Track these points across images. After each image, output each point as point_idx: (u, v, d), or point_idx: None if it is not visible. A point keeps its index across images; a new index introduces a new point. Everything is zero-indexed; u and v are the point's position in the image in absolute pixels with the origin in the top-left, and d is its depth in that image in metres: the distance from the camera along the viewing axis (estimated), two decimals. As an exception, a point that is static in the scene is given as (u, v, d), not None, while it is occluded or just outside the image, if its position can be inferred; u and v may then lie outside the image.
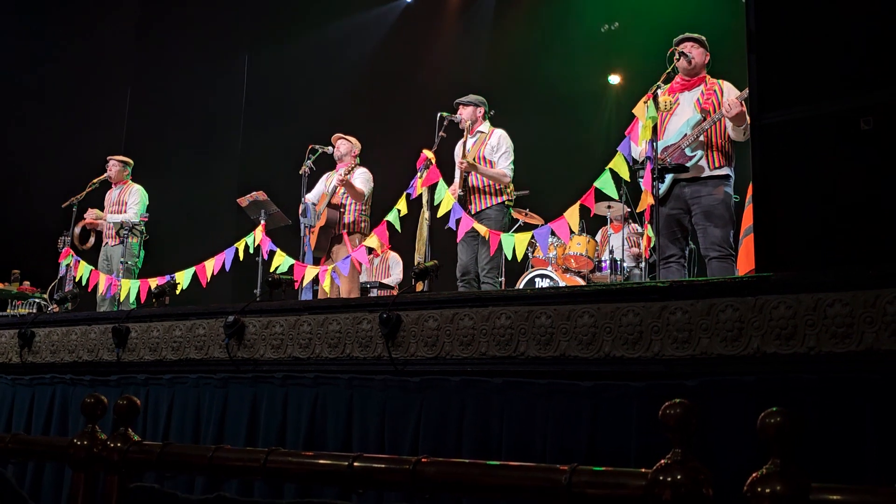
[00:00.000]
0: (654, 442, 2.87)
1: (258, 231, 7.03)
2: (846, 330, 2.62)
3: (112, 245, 8.60)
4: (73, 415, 4.81)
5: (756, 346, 2.79)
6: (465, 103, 7.05)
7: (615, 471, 1.46)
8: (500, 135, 6.97)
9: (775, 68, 3.25)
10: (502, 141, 6.94)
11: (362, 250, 6.48)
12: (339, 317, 3.89)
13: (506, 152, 6.90)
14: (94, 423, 2.08)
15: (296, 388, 3.98)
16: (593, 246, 8.64)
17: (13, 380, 5.19)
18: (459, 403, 3.44)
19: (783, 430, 1.30)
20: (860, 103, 2.98)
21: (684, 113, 5.52)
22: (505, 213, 6.87)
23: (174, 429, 4.41)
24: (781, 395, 2.70)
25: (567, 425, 3.14)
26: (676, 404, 1.39)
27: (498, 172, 6.81)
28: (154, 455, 1.97)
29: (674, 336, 2.97)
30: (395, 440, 3.59)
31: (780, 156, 3.17)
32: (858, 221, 2.96)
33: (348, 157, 7.87)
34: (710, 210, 5.26)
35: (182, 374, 4.45)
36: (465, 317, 3.50)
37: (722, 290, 2.91)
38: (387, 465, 1.70)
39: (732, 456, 2.70)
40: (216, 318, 4.34)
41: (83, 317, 5.11)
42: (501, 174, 6.81)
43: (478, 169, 6.72)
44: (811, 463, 2.49)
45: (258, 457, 1.83)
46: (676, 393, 2.85)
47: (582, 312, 3.19)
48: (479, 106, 7.07)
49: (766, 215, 3.17)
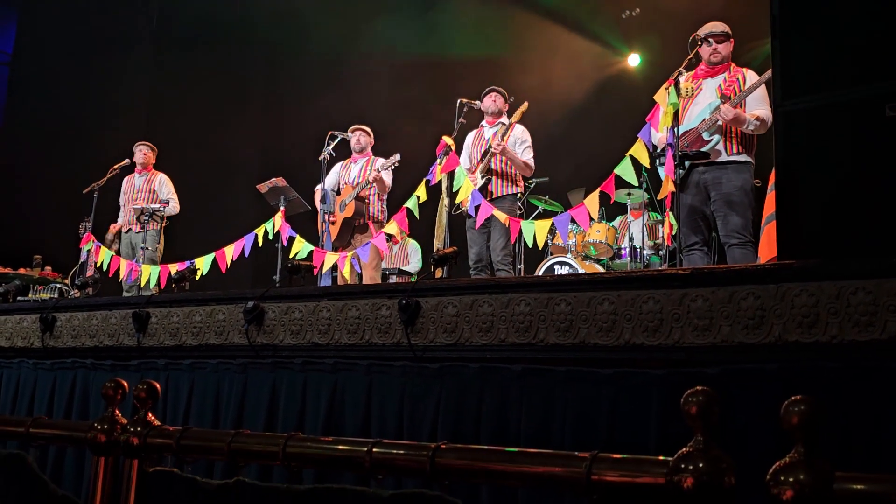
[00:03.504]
0: (673, 430, 2.85)
1: (278, 217, 7.03)
2: (869, 318, 2.59)
3: (136, 232, 8.64)
4: (94, 399, 4.85)
5: (778, 334, 2.77)
6: (500, 91, 7.17)
7: (636, 458, 1.44)
8: (523, 129, 7.11)
9: (798, 54, 3.22)
10: (525, 134, 7.10)
11: (381, 237, 6.48)
12: (358, 303, 3.90)
13: (528, 145, 7.08)
14: (114, 407, 2.09)
15: (315, 374, 3.99)
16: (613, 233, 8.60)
17: (35, 364, 5.24)
18: (478, 390, 3.44)
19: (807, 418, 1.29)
20: (885, 89, 2.94)
21: (705, 98, 5.48)
22: (517, 204, 7.08)
23: (194, 413, 4.43)
24: (803, 384, 2.68)
25: (586, 413, 3.13)
26: (699, 392, 1.37)
27: (525, 162, 6.97)
28: (174, 440, 1.97)
29: (694, 324, 2.95)
30: (414, 426, 3.60)
31: (803, 143, 3.14)
32: (882, 209, 2.92)
33: (368, 148, 7.99)
34: (729, 197, 5.22)
35: (202, 359, 4.48)
36: (485, 303, 3.49)
37: (743, 278, 2.89)
38: (406, 452, 1.69)
39: (753, 444, 2.68)
40: (236, 304, 4.35)
41: (104, 302, 5.14)
42: (527, 164, 6.98)
43: (510, 154, 6.81)
44: (832, 451, 2.48)
45: (277, 442, 1.83)
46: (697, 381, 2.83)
47: (602, 299, 3.18)
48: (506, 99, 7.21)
49: (788, 202, 3.14)
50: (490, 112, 7.17)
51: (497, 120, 7.15)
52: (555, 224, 5.60)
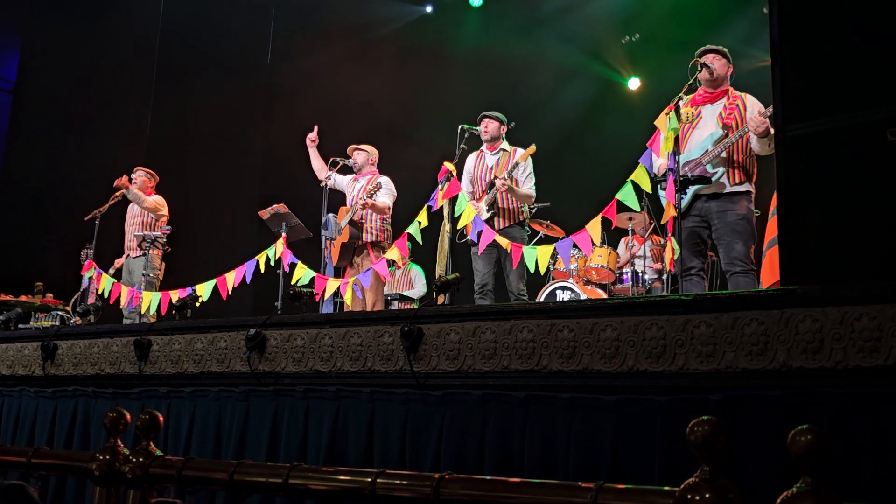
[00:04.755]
0: (678, 458, 2.84)
1: (279, 243, 7.03)
2: (874, 344, 2.58)
3: (134, 257, 8.64)
4: (96, 427, 4.83)
5: (782, 359, 2.76)
6: (492, 117, 7.08)
7: (641, 489, 1.44)
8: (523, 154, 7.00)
9: (799, 80, 3.22)
10: (528, 163, 6.98)
11: (383, 263, 6.47)
12: (360, 330, 3.89)
13: (530, 173, 7.00)
14: (115, 437, 2.08)
15: (317, 402, 3.98)
16: (615, 258, 8.61)
17: (36, 392, 5.22)
18: (481, 417, 3.42)
19: (814, 448, 1.28)
20: (886, 114, 2.95)
21: (706, 127, 5.48)
22: (524, 231, 7.01)
23: (195, 441, 4.41)
24: (808, 410, 2.66)
25: (590, 440, 3.11)
26: (704, 421, 1.37)
27: (527, 193, 6.92)
28: (175, 470, 1.96)
29: (698, 350, 2.94)
30: (417, 454, 3.58)
31: (804, 168, 3.14)
32: (884, 233, 2.92)
33: (367, 166, 7.84)
34: (733, 226, 5.24)
35: (203, 386, 4.46)
36: (487, 330, 3.48)
37: (747, 304, 2.88)
38: (409, 482, 1.68)
39: (758, 471, 2.66)
40: (238, 331, 4.35)
41: (105, 329, 5.13)
42: (529, 195, 6.93)
43: (515, 192, 6.77)
44: (838, 478, 2.46)
45: (280, 473, 1.82)
46: (701, 407, 2.83)
47: (605, 326, 3.17)
48: (503, 123, 7.11)
49: (790, 227, 3.14)
50: (486, 140, 7.10)
51: (497, 146, 7.10)
52: (557, 249, 5.60)
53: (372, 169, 7.86)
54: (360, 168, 7.85)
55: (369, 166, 7.85)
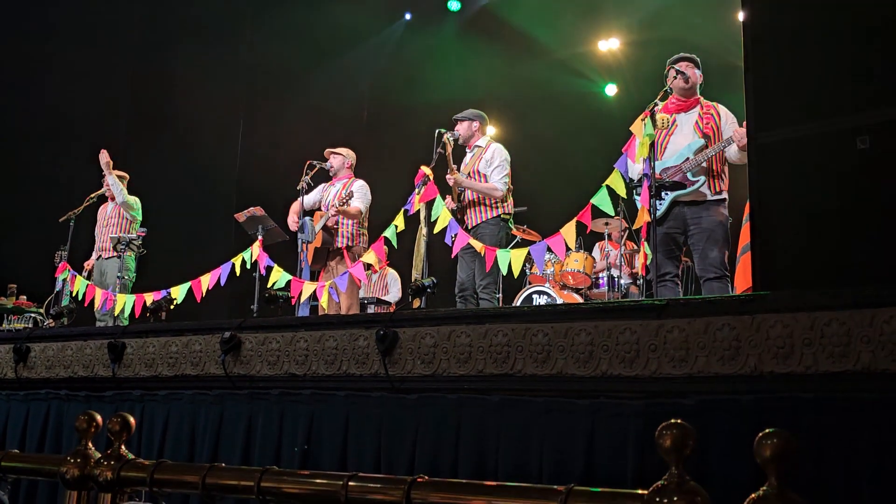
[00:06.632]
0: (651, 461, 2.86)
1: (255, 246, 7.02)
2: (843, 349, 2.61)
3: (106, 258, 8.57)
4: (68, 430, 4.79)
5: (753, 364, 2.78)
6: (462, 118, 7.08)
7: (612, 492, 1.45)
8: (496, 149, 6.97)
9: (772, 87, 3.26)
10: (496, 154, 6.93)
11: (360, 266, 6.47)
12: (335, 333, 3.88)
13: (499, 166, 6.88)
14: (87, 440, 2.07)
15: (292, 405, 3.97)
16: (591, 262, 8.65)
17: (8, 395, 5.18)
18: (456, 421, 3.43)
19: (780, 451, 1.30)
20: (856, 122, 2.99)
21: (684, 135, 5.52)
22: (501, 227, 6.86)
23: (169, 445, 4.39)
24: (778, 414, 2.69)
25: (564, 443, 3.12)
26: (673, 425, 1.38)
27: (488, 186, 6.80)
28: (147, 473, 1.96)
29: (671, 354, 2.96)
30: (392, 458, 3.58)
31: (776, 175, 3.18)
32: (854, 240, 2.96)
33: (343, 170, 7.82)
34: (709, 232, 5.29)
35: (178, 389, 4.44)
36: (462, 334, 3.49)
37: (719, 309, 2.91)
38: (381, 486, 1.69)
39: (728, 475, 2.68)
40: (213, 334, 4.33)
41: (79, 332, 5.09)
42: (491, 188, 6.79)
43: (464, 184, 6.74)
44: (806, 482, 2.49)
45: (252, 476, 1.82)
46: (673, 411, 2.85)
47: (579, 330, 3.19)
48: (475, 120, 7.09)
49: (763, 234, 3.17)
50: (460, 142, 7.07)
51: (473, 143, 7.10)
52: (530, 253, 5.61)
53: (348, 172, 7.85)
54: (336, 172, 7.84)
55: (346, 170, 7.84)
